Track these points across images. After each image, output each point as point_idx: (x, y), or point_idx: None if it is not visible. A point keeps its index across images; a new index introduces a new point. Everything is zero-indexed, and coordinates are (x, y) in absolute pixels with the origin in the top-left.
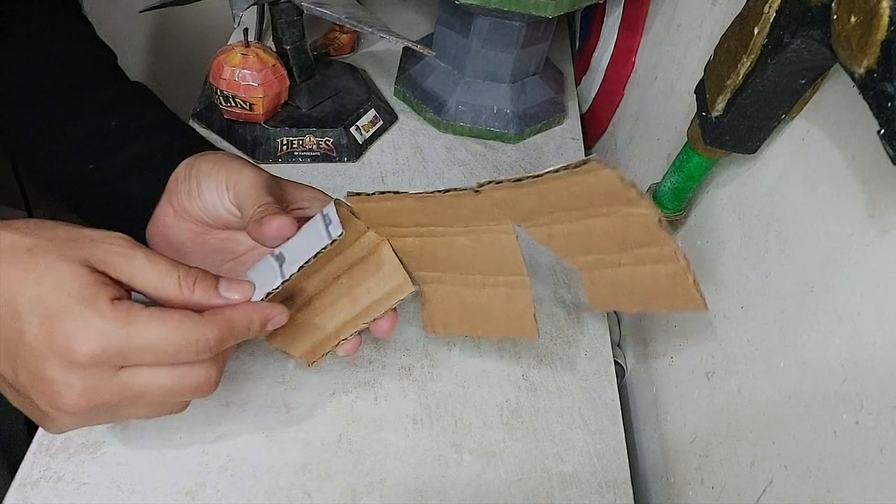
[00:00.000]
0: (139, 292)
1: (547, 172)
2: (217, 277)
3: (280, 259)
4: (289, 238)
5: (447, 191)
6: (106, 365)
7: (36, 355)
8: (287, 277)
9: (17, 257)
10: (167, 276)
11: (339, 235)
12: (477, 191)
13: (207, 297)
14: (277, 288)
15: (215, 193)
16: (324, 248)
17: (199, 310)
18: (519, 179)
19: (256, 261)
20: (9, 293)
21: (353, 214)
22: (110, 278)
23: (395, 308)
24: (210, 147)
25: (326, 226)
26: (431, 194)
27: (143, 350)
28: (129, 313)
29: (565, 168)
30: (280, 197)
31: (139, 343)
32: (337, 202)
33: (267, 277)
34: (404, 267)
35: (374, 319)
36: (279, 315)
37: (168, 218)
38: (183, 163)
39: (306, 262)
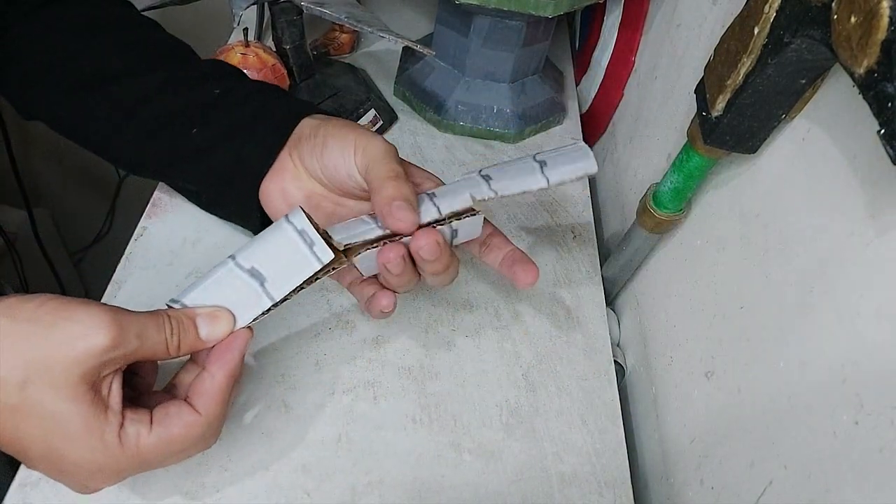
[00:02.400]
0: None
1: None
2: (194, 320)
3: (256, 276)
4: (253, 245)
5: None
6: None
7: (54, 475)
8: (277, 302)
9: (12, 399)
10: (158, 346)
11: (330, 261)
12: None
13: (195, 348)
14: (266, 314)
15: (340, 155)
16: (315, 274)
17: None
18: None
19: (216, 266)
20: (16, 443)
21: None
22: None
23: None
24: (326, 113)
25: (310, 246)
26: None
27: (158, 464)
28: (137, 444)
29: None
30: (406, 171)
31: (153, 463)
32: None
33: (245, 297)
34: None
35: None
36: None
37: (287, 173)
38: (306, 121)
39: (297, 289)
